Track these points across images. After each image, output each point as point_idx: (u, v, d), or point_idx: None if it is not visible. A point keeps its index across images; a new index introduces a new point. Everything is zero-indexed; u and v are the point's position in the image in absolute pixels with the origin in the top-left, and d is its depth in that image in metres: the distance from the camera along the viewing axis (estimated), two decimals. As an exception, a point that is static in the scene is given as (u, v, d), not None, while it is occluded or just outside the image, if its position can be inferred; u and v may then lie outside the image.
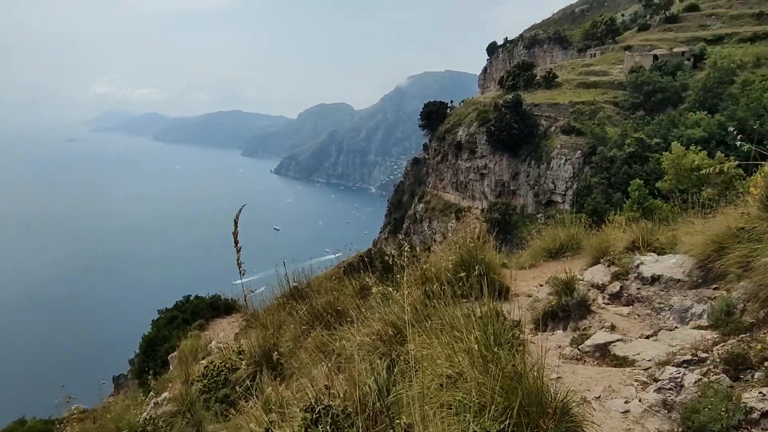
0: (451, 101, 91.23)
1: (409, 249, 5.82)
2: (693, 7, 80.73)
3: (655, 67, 64.05)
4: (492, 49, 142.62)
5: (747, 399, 3.37)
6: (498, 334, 3.65)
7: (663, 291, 6.22)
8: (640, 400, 3.81)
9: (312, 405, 3.36)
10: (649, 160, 43.86)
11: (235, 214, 6.30)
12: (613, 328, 5.80)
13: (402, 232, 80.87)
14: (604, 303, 6.64)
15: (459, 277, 4.98)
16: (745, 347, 3.96)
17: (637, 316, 6.15)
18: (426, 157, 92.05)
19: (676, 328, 5.41)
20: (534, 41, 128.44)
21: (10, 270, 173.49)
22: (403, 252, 5.71)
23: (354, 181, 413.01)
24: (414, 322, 4.09)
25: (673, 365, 4.10)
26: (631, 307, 6.41)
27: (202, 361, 9.09)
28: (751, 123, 36.69)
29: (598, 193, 46.31)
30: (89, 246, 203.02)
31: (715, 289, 5.58)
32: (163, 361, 15.69)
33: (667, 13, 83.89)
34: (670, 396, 3.75)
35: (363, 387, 3.50)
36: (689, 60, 64.56)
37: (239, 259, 5.95)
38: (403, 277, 4.91)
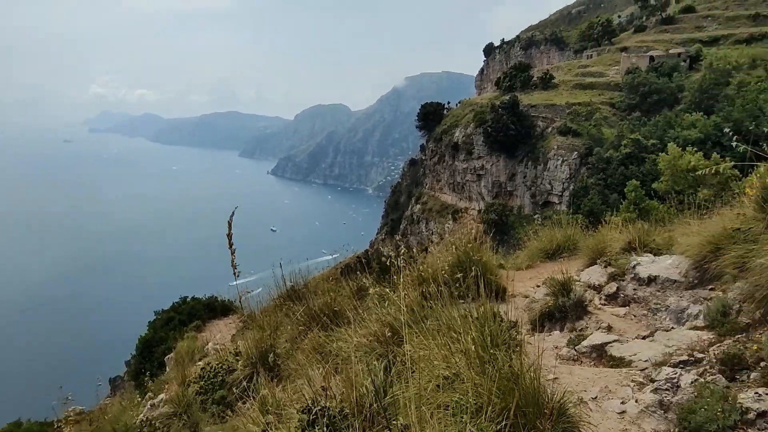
0: (448, 102, 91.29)
1: (405, 250, 5.82)
2: (689, 9, 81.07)
3: (652, 68, 64.25)
4: (489, 50, 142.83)
5: (743, 399, 3.37)
6: (495, 335, 3.65)
7: (659, 292, 6.23)
8: (636, 401, 3.82)
9: (309, 406, 3.36)
10: (645, 161, 43.94)
11: (232, 215, 6.32)
12: (609, 329, 5.80)
13: (399, 233, 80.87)
14: (600, 304, 6.65)
15: (456, 278, 4.98)
16: (741, 348, 3.97)
17: (634, 316, 6.16)
18: (423, 158, 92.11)
19: (673, 328, 5.42)
20: (531, 42, 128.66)
21: (7, 270, 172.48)
22: (400, 253, 5.71)
23: (351, 182, 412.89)
24: (411, 323, 4.09)
25: (669, 366, 4.11)
26: (627, 307, 6.42)
27: (199, 363, 9.08)
28: (746, 124, 36.83)
29: (594, 194, 46.38)
30: (87, 246, 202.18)
31: (711, 289, 5.59)
32: (160, 363, 15.65)
33: (663, 14, 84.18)
34: (666, 396, 3.76)
35: (360, 388, 3.50)
36: (685, 61, 64.79)
37: (234, 261, 5.96)
38: (400, 278, 4.91)
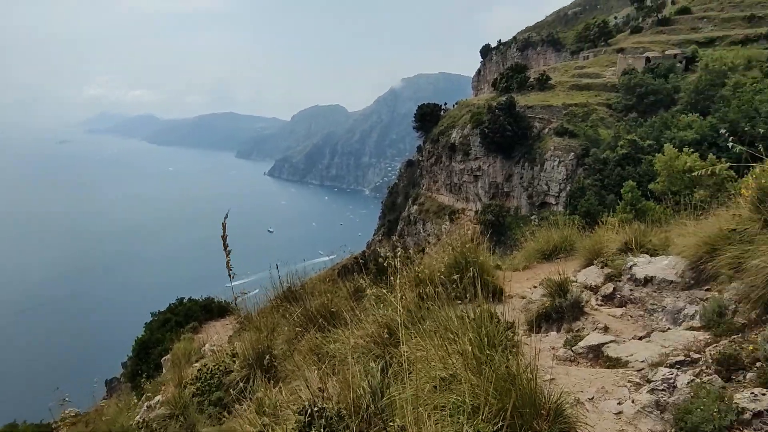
0: (445, 103, 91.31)
1: (402, 251, 5.83)
2: (685, 10, 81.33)
3: (648, 69, 64.44)
4: (485, 52, 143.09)
5: (739, 399, 3.38)
6: (492, 336, 3.65)
7: (656, 292, 6.24)
8: (633, 401, 3.82)
9: (306, 407, 3.36)
10: (641, 162, 44.04)
11: (230, 215, 6.31)
12: (606, 330, 5.81)
13: (396, 234, 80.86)
14: (597, 304, 6.65)
15: (453, 279, 4.98)
16: (737, 348, 3.98)
17: (630, 317, 6.17)
18: (420, 159, 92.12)
19: (669, 329, 5.43)
20: (527, 43, 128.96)
21: (5, 271, 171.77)
22: (397, 254, 5.71)
23: (348, 183, 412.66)
24: (408, 324, 4.09)
25: (665, 366, 4.12)
26: (624, 308, 6.42)
27: (196, 364, 9.05)
28: (742, 125, 36.97)
29: (591, 194, 46.47)
30: (84, 246, 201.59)
31: (707, 290, 5.60)
32: (156, 364, 15.60)
33: (659, 15, 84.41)
34: (662, 397, 3.76)
35: (357, 389, 3.49)
36: (681, 62, 64.99)
37: (229, 262, 5.96)
38: (396, 279, 4.91)
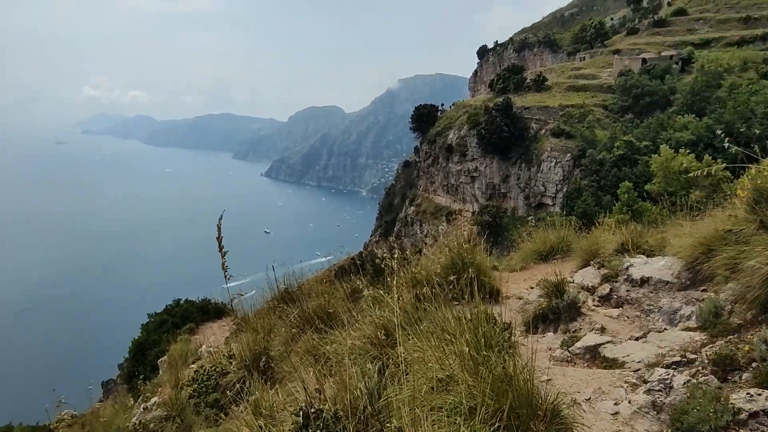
0: (442, 104, 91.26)
1: (399, 252, 5.82)
2: (681, 12, 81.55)
3: (644, 70, 64.60)
4: (482, 53, 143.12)
5: (735, 400, 3.39)
6: (488, 337, 3.66)
7: (652, 293, 6.25)
8: (629, 402, 3.83)
9: (303, 409, 3.35)
10: (638, 163, 44.12)
11: (227, 216, 6.32)
12: (603, 330, 5.82)
13: (393, 235, 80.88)
14: (594, 305, 6.67)
15: (450, 280, 4.98)
16: (733, 348, 3.99)
17: (627, 317, 6.18)
18: (417, 160, 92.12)
19: (665, 329, 5.44)
20: (524, 44, 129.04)
21: (3, 271, 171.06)
22: (394, 255, 5.70)
23: (345, 184, 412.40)
24: (405, 325, 4.09)
25: (662, 367, 4.13)
26: (620, 309, 6.43)
27: (192, 366, 9.04)
28: (738, 126, 37.08)
29: (587, 195, 46.52)
30: (82, 247, 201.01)
31: (703, 290, 5.61)
32: (153, 366, 15.58)
33: (655, 17, 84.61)
34: (659, 397, 3.77)
35: (354, 391, 3.49)
36: (677, 64, 65.15)
37: (224, 264, 5.96)
38: (393, 281, 4.91)
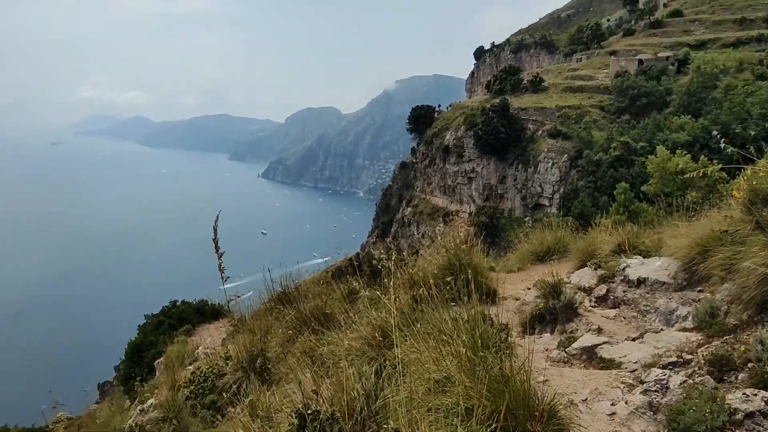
0: (439, 105, 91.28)
1: (396, 253, 5.83)
2: (677, 13, 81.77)
3: (640, 71, 64.76)
4: (479, 54, 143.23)
5: (731, 400, 3.39)
6: (485, 338, 3.66)
7: (649, 293, 6.26)
8: (626, 402, 3.83)
9: (299, 410, 3.34)
10: (634, 164, 44.25)
11: (223, 217, 6.30)
12: (599, 331, 5.83)
13: (390, 236, 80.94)
14: (590, 306, 6.67)
15: (447, 281, 4.98)
16: (729, 349, 4.00)
17: (624, 318, 6.19)
18: (414, 161, 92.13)
19: (662, 330, 5.45)
20: (521, 46, 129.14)
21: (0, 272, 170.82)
22: (391, 256, 5.71)
23: (342, 185, 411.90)
24: (402, 326, 4.08)
25: (658, 367, 4.13)
26: (617, 309, 6.44)
27: (189, 367, 9.01)
28: (734, 127, 37.26)
29: (584, 196, 46.64)
30: (79, 248, 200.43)
31: (699, 291, 5.62)
32: (150, 367, 15.53)
33: (651, 18, 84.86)
34: (655, 398, 3.77)
35: (351, 392, 3.48)
36: (673, 65, 65.35)
37: (221, 265, 5.94)
38: (390, 282, 4.91)
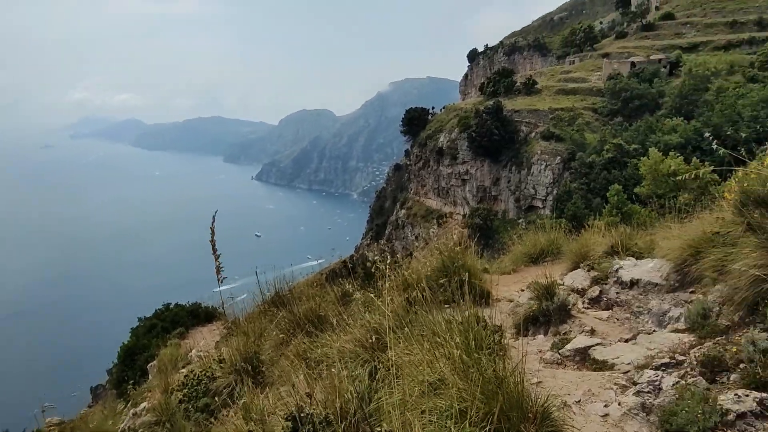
0: (433, 107, 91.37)
1: (390, 255, 5.82)
2: (669, 16, 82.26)
3: (633, 74, 65.10)
4: (473, 56, 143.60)
5: (723, 401, 3.41)
6: (479, 340, 3.65)
7: (641, 295, 6.28)
8: (619, 404, 3.84)
9: (293, 413, 3.33)
10: (627, 166, 44.43)
11: (217, 220, 6.28)
12: (592, 332, 5.84)
13: (384, 238, 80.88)
14: (584, 307, 6.69)
15: (440, 283, 4.98)
16: (721, 350, 4.02)
17: (617, 320, 6.21)
18: (408, 163, 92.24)
19: (655, 331, 5.47)
20: (514, 48, 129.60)
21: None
22: (385, 258, 5.70)
23: (336, 187, 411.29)
24: (395, 328, 4.08)
25: (651, 368, 4.15)
26: (610, 311, 6.46)
27: (182, 370, 8.97)
28: (725, 129, 37.45)
29: (577, 198, 46.79)
30: (71, 251, 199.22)
31: (691, 292, 5.65)
32: (142, 371, 15.43)
33: (643, 21, 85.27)
34: (648, 399, 3.78)
35: (344, 394, 3.48)
36: (665, 67, 65.72)
37: (219, 266, 5.90)
38: (384, 284, 4.91)
